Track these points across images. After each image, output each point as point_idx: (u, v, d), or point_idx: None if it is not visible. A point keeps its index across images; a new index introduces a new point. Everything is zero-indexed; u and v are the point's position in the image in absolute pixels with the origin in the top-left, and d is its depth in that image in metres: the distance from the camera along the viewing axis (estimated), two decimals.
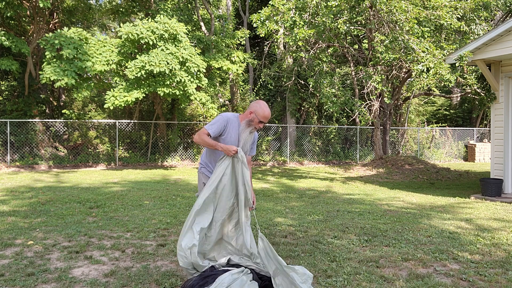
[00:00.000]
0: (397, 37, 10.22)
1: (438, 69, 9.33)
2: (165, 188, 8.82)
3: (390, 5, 10.15)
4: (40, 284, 3.24)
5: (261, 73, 17.91)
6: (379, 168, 13.10)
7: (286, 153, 17.25)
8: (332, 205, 7.02)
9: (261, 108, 3.28)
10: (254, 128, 3.33)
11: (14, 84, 15.62)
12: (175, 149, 15.94)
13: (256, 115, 3.28)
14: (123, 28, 11.92)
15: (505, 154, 8.16)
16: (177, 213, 6.07)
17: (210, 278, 3.04)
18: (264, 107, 3.30)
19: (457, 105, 23.42)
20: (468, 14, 11.81)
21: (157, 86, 12.07)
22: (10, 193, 7.83)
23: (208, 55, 14.32)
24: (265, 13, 11.62)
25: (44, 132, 14.55)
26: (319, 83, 12.98)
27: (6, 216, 5.71)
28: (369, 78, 11.24)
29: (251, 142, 3.45)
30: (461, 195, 8.38)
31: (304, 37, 11.19)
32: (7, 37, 12.17)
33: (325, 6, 11.11)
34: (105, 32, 22.10)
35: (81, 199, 7.13)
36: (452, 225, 5.41)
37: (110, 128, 15.96)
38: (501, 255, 4.07)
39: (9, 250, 4.13)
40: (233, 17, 19.93)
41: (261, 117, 3.28)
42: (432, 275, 3.47)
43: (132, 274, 3.46)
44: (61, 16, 15.78)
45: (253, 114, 3.29)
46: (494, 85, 8.30)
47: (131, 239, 4.61)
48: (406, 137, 19.98)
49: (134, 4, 16.33)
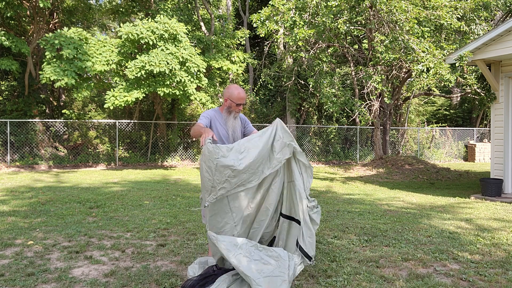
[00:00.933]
0: (397, 37, 10.22)
1: (438, 69, 9.33)
2: (165, 188, 8.82)
3: (390, 5, 10.16)
4: (40, 284, 3.24)
5: (261, 73, 17.90)
6: (379, 168, 13.10)
7: None
8: (332, 205, 7.02)
9: (233, 92, 3.36)
10: (236, 112, 3.40)
11: (14, 84, 15.62)
12: (175, 149, 15.94)
13: (232, 100, 3.36)
14: (123, 28, 11.92)
15: (505, 154, 8.16)
16: (177, 213, 6.07)
17: (210, 278, 3.04)
18: (234, 89, 3.37)
19: (457, 105, 23.42)
20: (468, 14, 11.81)
21: (157, 86, 12.07)
22: (10, 193, 7.83)
23: (208, 55, 14.32)
24: (265, 13, 11.62)
25: (44, 132, 14.55)
26: (319, 83, 12.98)
27: (6, 216, 5.71)
28: (369, 78, 11.24)
29: (241, 125, 3.50)
30: (461, 195, 8.38)
31: (304, 37, 11.19)
32: (7, 37, 12.17)
33: (325, 6, 11.12)
34: (105, 32, 22.10)
35: (81, 199, 7.13)
36: (452, 225, 5.41)
37: (110, 128, 15.96)
38: (501, 255, 4.07)
39: (9, 250, 4.13)
40: (233, 17, 19.94)
41: (236, 100, 3.35)
42: (432, 275, 3.47)
43: (132, 274, 3.46)
44: (61, 16, 15.78)
45: (229, 100, 3.37)
46: (494, 85, 8.30)
47: (131, 239, 4.61)
48: (406, 137, 19.98)
49: (134, 4, 16.33)
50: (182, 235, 4.77)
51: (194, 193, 8.15)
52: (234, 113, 3.40)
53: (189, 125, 17.03)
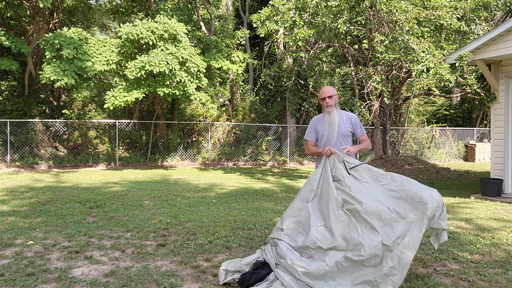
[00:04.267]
0: (397, 37, 10.21)
1: (438, 69, 9.33)
2: (165, 188, 8.82)
3: (390, 5, 10.15)
4: (40, 284, 3.24)
5: (261, 73, 17.90)
6: (379, 168, 13.10)
7: (286, 153, 17.25)
8: None
9: (320, 91, 3.73)
10: (326, 108, 3.68)
11: (14, 84, 15.61)
12: (175, 149, 15.94)
13: (319, 98, 3.75)
14: (123, 28, 11.92)
15: (505, 154, 8.16)
16: (177, 213, 6.07)
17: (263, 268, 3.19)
18: (321, 89, 3.74)
19: (457, 105, 23.41)
20: (468, 14, 11.80)
21: (157, 86, 12.06)
22: (10, 193, 7.83)
23: (208, 55, 14.32)
24: (265, 13, 11.61)
25: (44, 132, 14.55)
26: (319, 83, 12.97)
27: (6, 216, 5.71)
28: (369, 78, 11.24)
29: (350, 124, 3.73)
30: (461, 195, 8.38)
31: (304, 37, 11.18)
32: (7, 37, 12.17)
33: (325, 6, 11.11)
34: (105, 32, 22.10)
35: (81, 199, 7.13)
36: (452, 225, 5.41)
37: (110, 128, 15.96)
38: (501, 255, 4.07)
39: (9, 250, 4.13)
40: (233, 17, 19.93)
41: (320, 97, 3.71)
42: (432, 275, 3.47)
43: (132, 274, 3.46)
44: (61, 16, 15.77)
45: (319, 99, 3.75)
46: (494, 85, 8.30)
47: (131, 239, 4.61)
48: (406, 137, 19.98)
49: (134, 4, 16.33)
50: (182, 235, 4.77)
51: (194, 193, 8.15)
52: (324, 109, 3.69)
53: (189, 125, 17.04)
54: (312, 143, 3.80)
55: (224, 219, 5.71)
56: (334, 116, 3.61)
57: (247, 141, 17.47)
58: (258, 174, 12.83)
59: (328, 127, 3.60)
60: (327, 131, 3.62)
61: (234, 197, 7.82)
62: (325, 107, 3.63)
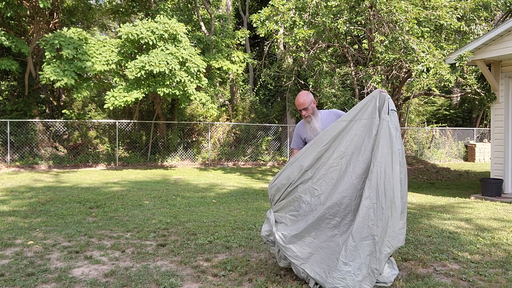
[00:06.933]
0: (397, 37, 10.21)
1: (438, 69, 9.32)
2: (165, 188, 8.82)
3: (390, 5, 10.15)
4: (40, 284, 3.24)
5: (261, 73, 17.89)
6: None
7: (286, 153, 17.24)
8: None
9: (295, 101, 3.66)
10: (304, 118, 3.68)
11: (14, 84, 15.61)
12: (175, 149, 15.94)
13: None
14: (123, 28, 11.92)
15: (505, 154, 8.16)
16: (177, 213, 6.07)
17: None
18: (296, 98, 3.64)
19: (457, 105, 23.41)
20: (468, 14, 11.80)
21: (157, 86, 12.06)
22: (10, 193, 7.83)
23: (208, 55, 14.32)
24: (265, 13, 11.61)
25: (44, 132, 14.55)
26: (319, 83, 12.96)
27: (6, 216, 5.71)
28: (369, 78, 11.23)
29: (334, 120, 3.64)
30: (461, 195, 8.38)
31: (304, 37, 11.18)
32: (7, 37, 12.17)
33: (325, 6, 11.11)
34: (105, 32, 22.10)
35: (81, 199, 7.13)
36: (452, 225, 5.41)
37: (110, 128, 15.96)
38: (501, 255, 4.07)
39: (9, 250, 4.13)
40: (233, 17, 19.94)
41: (296, 108, 3.68)
42: (432, 275, 3.47)
43: (132, 274, 3.46)
44: (61, 16, 15.77)
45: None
46: (494, 85, 8.30)
47: (131, 239, 4.61)
48: (406, 137, 19.98)
49: (134, 4, 16.33)
50: (182, 235, 4.77)
51: (194, 193, 8.15)
52: (304, 119, 3.70)
53: (189, 125, 17.04)
54: (298, 151, 3.82)
55: (224, 219, 5.71)
56: (314, 124, 3.66)
57: (247, 141, 17.48)
58: (258, 174, 12.83)
59: (311, 133, 3.66)
60: (312, 136, 3.66)
61: (234, 197, 7.82)
62: (304, 117, 3.67)
